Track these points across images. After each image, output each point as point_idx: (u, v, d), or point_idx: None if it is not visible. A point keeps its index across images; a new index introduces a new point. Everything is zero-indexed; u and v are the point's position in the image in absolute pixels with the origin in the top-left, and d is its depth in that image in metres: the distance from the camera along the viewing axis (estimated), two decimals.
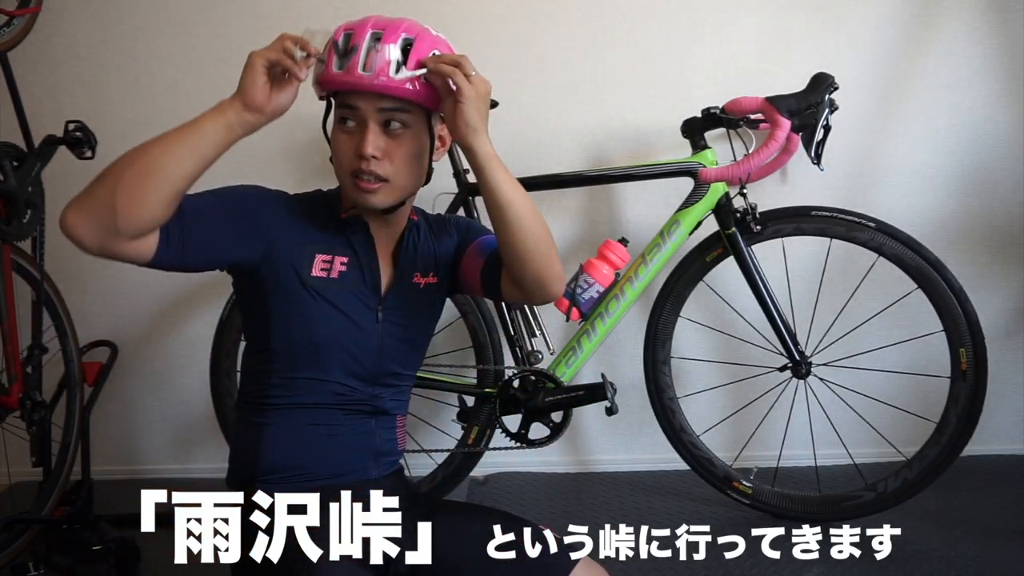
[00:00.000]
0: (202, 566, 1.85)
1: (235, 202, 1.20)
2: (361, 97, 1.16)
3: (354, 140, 1.17)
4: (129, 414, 2.34)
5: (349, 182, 1.19)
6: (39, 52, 2.10)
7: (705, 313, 2.18)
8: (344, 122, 1.19)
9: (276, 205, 1.23)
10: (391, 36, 1.15)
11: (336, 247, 1.24)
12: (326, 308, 1.21)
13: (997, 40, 2.13)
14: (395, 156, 1.18)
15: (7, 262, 1.79)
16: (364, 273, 1.25)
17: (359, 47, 1.15)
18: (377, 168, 1.16)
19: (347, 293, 1.23)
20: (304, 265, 1.21)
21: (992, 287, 2.20)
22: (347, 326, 1.23)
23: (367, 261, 1.25)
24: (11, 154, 1.78)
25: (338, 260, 1.23)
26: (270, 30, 2.26)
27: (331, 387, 1.23)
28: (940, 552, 1.80)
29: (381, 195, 1.19)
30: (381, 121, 1.17)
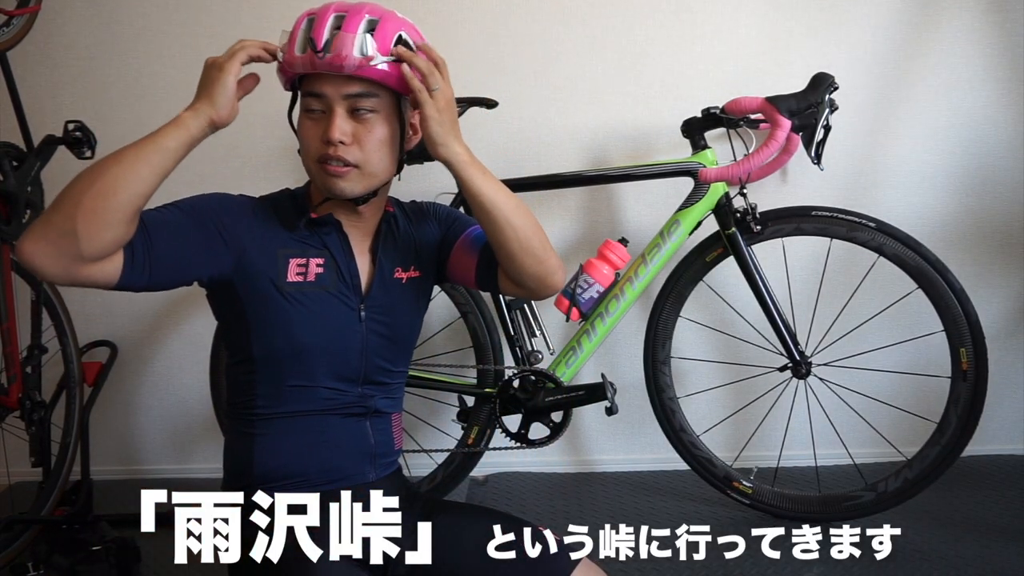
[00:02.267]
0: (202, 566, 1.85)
1: (199, 214, 1.17)
2: (326, 82, 1.14)
3: (320, 127, 1.15)
4: (129, 414, 2.34)
5: (317, 169, 1.16)
6: (39, 52, 2.10)
7: (705, 313, 2.18)
8: (310, 111, 1.16)
9: (242, 212, 1.19)
10: (354, 17, 1.13)
11: (309, 248, 1.20)
12: (305, 313, 1.18)
13: (997, 40, 2.13)
14: (364, 141, 1.15)
15: (7, 262, 1.79)
16: (342, 272, 1.22)
17: (322, 30, 1.12)
18: (345, 154, 1.14)
19: (326, 295, 1.20)
20: (278, 271, 1.18)
21: (992, 287, 2.20)
22: (329, 328, 1.20)
23: (343, 259, 1.22)
24: (11, 154, 1.78)
25: (313, 262, 1.20)
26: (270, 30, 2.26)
27: (319, 392, 1.21)
28: (940, 552, 1.80)
29: (351, 181, 1.16)
30: (348, 107, 1.14)
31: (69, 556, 1.78)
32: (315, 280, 1.19)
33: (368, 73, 1.11)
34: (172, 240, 1.12)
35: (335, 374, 1.22)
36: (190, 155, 2.41)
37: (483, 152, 2.02)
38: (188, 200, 1.19)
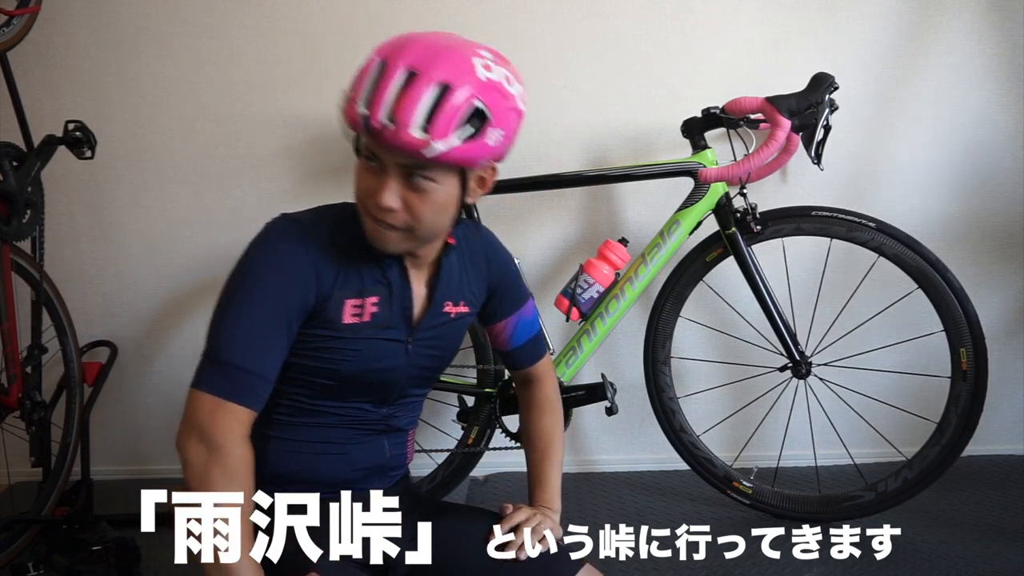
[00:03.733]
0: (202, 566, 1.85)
1: (279, 310, 1.11)
2: (382, 147, 1.03)
3: (373, 182, 1.07)
4: (129, 414, 2.34)
5: (366, 219, 1.10)
6: (39, 52, 2.10)
7: (705, 313, 2.18)
8: (368, 159, 1.07)
9: (306, 276, 1.12)
10: (424, 80, 1.00)
11: (368, 286, 1.16)
12: (354, 351, 1.16)
13: (997, 40, 2.13)
14: (417, 210, 1.07)
15: (7, 262, 1.79)
16: (396, 307, 1.18)
17: (386, 87, 1.01)
18: (393, 220, 1.07)
19: (378, 331, 1.17)
20: (335, 314, 1.14)
21: (992, 287, 2.20)
22: (374, 363, 1.18)
23: (400, 294, 1.18)
24: (11, 154, 1.78)
25: (369, 301, 1.15)
26: (270, 30, 2.28)
27: (347, 410, 1.21)
28: (940, 552, 1.80)
29: (396, 241, 1.10)
30: (404, 174, 1.05)
31: (69, 556, 1.78)
32: (370, 320, 1.16)
33: (424, 158, 1.02)
34: (279, 356, 1.12)
35: (367, 398, 1.21)
36: (189, 154, 2.43)
37: None
38: (259, 293, 1.11)
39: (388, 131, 1.00)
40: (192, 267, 2.24)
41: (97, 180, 2.19)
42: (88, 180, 2.19)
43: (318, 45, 2.12)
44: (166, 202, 2.22)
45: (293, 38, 2.13)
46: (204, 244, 2.22)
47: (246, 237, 2.37)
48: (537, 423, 1.39)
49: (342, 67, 2.14)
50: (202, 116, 2.17)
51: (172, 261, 2.24)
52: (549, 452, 1.35)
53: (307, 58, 2.13)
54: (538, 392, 1.41)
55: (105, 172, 2.16)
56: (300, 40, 2.13)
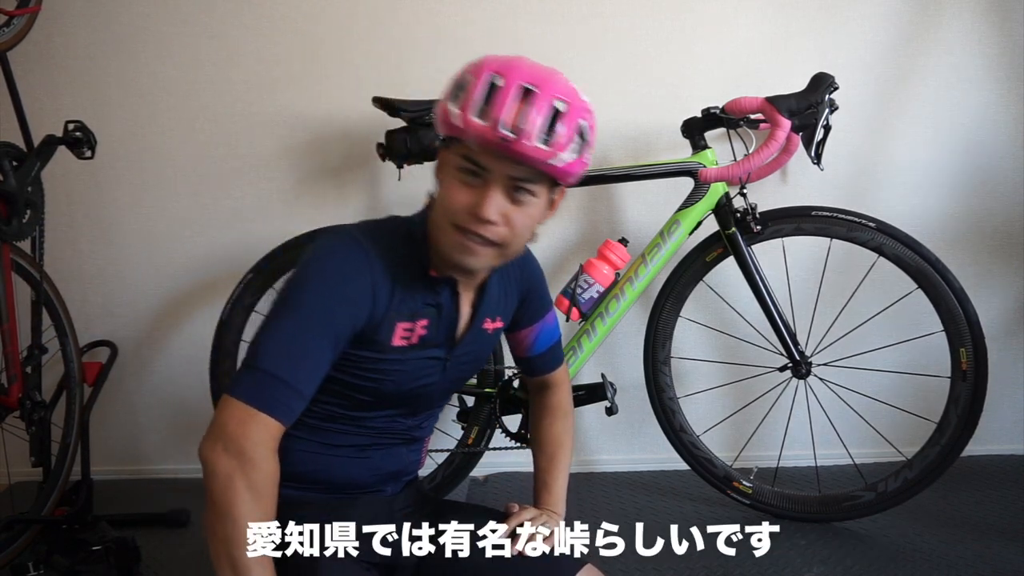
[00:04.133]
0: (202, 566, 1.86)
1: (332, 330, 1.08)
2: (495, 157, 1.04)
3: (473, 196, 1.06)
4: (129, 414, 2.34)
5: (452, 235, 1.08)
6: (39, 52, 2.10)
7: (705, 313, 2.18)
8: (465, 172, 1.06)
9: (364, 295, 1.10)
10: (543, 100, 1.03)
11: (419, 308, 1.15)
12: (398, 372, 1.15)
13: (997, 40, 2.13)
14: (515, 223, 1.07)
15: (7, 262, 1.79)
16: (442, 328, 1.18)
17: (505, 100, 1.02)
18: (491, 233, 1.07)
19: (423, 353, 1.17)
20: (385, 336, 1.13)
21: (992, 287, 2.20)
22: (415, 381, 1.18)
23: (448, 316, 1.18)
24: (11, 154, 1.78)
25: (419, 324, 1.15)
26: (270, 30, 2.28)
27: (376, 421, 1.21)
28: (940, 552, 1.80)
29: (485, 258, 1.10)
30: (508, 186, 1.06)
31: (69, 556, 1.78)
32: (418, 343, 1.16)
33: (548, 168, 1.05)
34: (320, 373, 1.08)
35: (399, 411, 1.22)
36: (189, 154, 2.43)
37: None
38: (311, 309, 1.07)
39: (511, 142, 1.02)
40: (192, 267, 2.24)
41: (97, 180, 2.19)
42: (88, 180, 2.19)
43: (318, 45, 2.13)
44: (166, 202, 2.22)
45: (293, 38, 2.13)
46: (204, 244, 2.23)
47: (246, 237, 2.38)
48: (549, 428, 1.40)
49: (342, 67, 2.17)
50: (202, 116, 2.17)
51: (172, 261, 2.24)
52: (558, 457, 1.36)
53: (307, 58, 2.13)
54: (552, 398, 1.43)
55: (105, 172, 2.16)
56: (300, 40, 2.13)
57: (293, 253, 2.02)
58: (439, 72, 2.15)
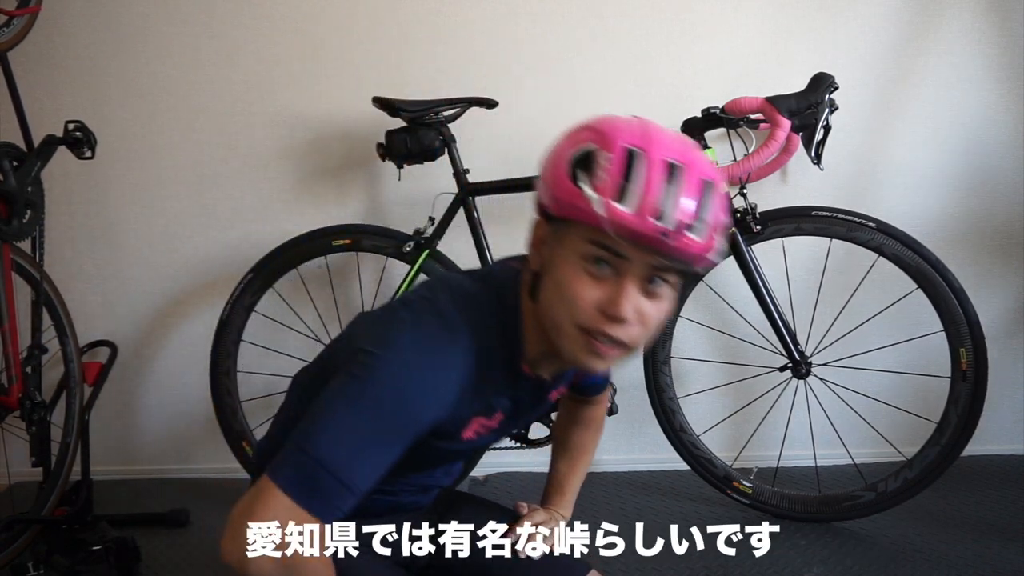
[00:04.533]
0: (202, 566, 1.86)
1: (402, 433, 0.93)
2: (637, 248, 0.87)
3: (602, 291, 0.89)
4: (129, 414, 2.34)
5: (577, 338, 0.92)
6: (39, 52, 2.10)
7: (705, 313, 2.18)
8: (594, 262, 0.89)
9: (450, 397, 0.95)
10: (693, 175, 0.88)
11: (500, 404, 1.05)
12: (456, 453, 1.08)
13: (997, 40, 2.13)
14: (649, 320, 0.92)
15: (7, 262, 1.79)
16: (517, 418, 1.10)
17: (653, 183, 0.86)
18: (624, 334, 0.91)
19: (489, 438, 1.09)
20: (456, 429, 1.02)
21: (992, 287, 2.20)
22: (464, 457, 1.13)
23: (526, 406, 1.10)
24: (11, 154, 1.78)
25: (496, 417, 1.06)
26: (270, 30, 2.28)
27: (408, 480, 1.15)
28: (940, 552, 1.80)
29: (611, 361, 0.95)
30: (646, 278, 0.90)
31: (69, 556, 1.78)
32: (487, 434, 1.07)
33: (701, 263, 0.90)
34: (380, 475, 0.93)
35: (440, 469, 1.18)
36: (189, 154, 2.42)
37: (483, 152, 2.04)
38: (395, 415, 0.92)
39: (676, 243, 0.86)
40: (192, 267, 2.24)
41: (97, 180, 2.19)
42: (88, 180, 2.19)
43: (318, 45, 2.13)
44: (166, 202, 2.22)
45: (293, 38, 2.13)
46: (204, 244, 2.22)
47: (246, 237, 2.38)
48: (578, 435, 1.36)
49: (342, 67, 2.16)
50: (202, 116, 2.17)
51: (172, 261, 2.24)
52: (579, 464, 1.34)
53: (307, 58, 2.13)
54: (590, 412, 1.37)
55: (105, 172, 2.16)
56: (300, 40, 2.13)
57: (293, 253, 2.02)
58: (439, 72, 2.17)
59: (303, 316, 2.18)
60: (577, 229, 0.90)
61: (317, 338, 2.17)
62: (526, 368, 1.03)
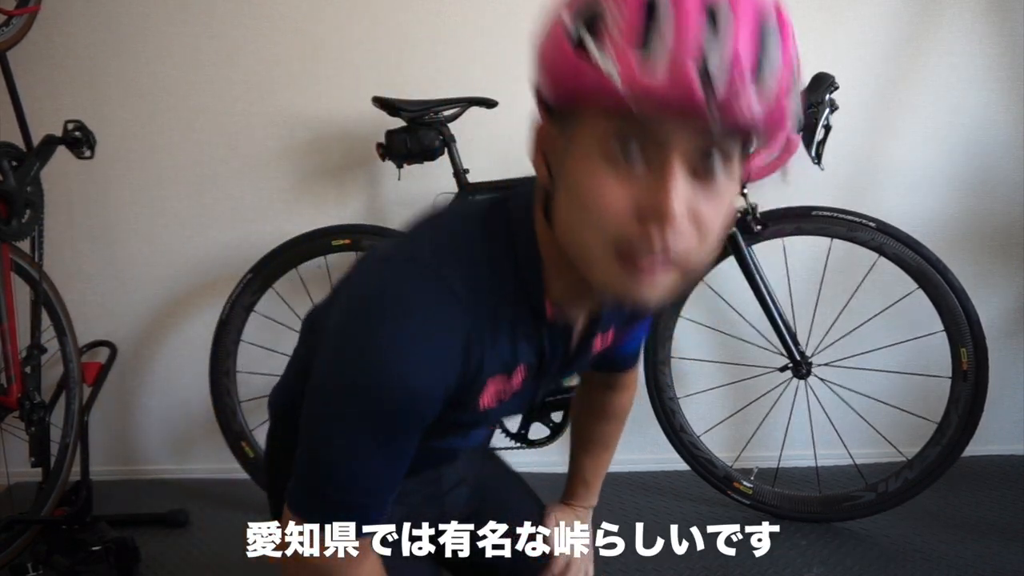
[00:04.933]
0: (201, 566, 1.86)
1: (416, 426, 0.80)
2: (676, 124, 0.64)
3: (636, 188, 0.66)
4: (128, 414, 2.33)
5: (610, 262, 0.69)
6: (38, 52, 2.10)
7: (705, 313, 2.18)
8: (622, 152, 0.65)
9: (453, 366, 0.78)
10: (744, 10, 0.65)
11: (519, 358, 0.84)
12: (476, 423, 0.93)
13: (997, 40, 2.13)
14: (705, 221, 0.68)
15: (6, 262, 1.79)
16: (543, 374, 0.89)
17: (684, 26, 0.62)
18: (677, 241, 0.67)
19: (512, 403, 0.90)
20: (472, 397, 0.83)
21: (993, 287, 2.20)
22: (496, 417, 0.94)
23: (553, 358, 0.89)
24: (10, 154, 1.78)
25: (517, 376, 0.86)
26: (270, 30, 2.28)
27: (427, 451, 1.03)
28: (940, 552, 1.80)
29: (663, 286, 0.70)
30: (693, 162, 0.66)
31: (69, 556, 1.78)
32: (510, 397, 0.88)
33: (774, 135, 0.72)
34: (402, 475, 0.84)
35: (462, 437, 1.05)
36: (188, 154, 2.42)
37: (483, 152, 2.04)
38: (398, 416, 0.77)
39: (726, 108, 0.63)
40: (192, 267, 2.24)
41: (96, 180, 2.19)
42: (87, 180, 2.19)
43: (318, 45, 2.12)
44: (165, 202, 2.21)
45: (293, 38, 2.12)
46: (204, 244, 2.22)
47: (246, 236, 2.37)
48: (604, 427, 1.25)
49: (342, 67, 2.16)
50: (202, 116, 2.17)
51: (172, 261, 2.24)
52: (604, 458, 1.27)
53: (307, 58, 2.13)
54: (616, 399, 1.23)
55: (104, 172, 2.16)
56: (300, 40, 2.12)
57: (293, 253, 2.02)
58: (439, 72, 2.17)
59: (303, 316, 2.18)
60: (592, 117, 0.66)
61: None
62: (551, 311, 0.82)
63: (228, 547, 1.87)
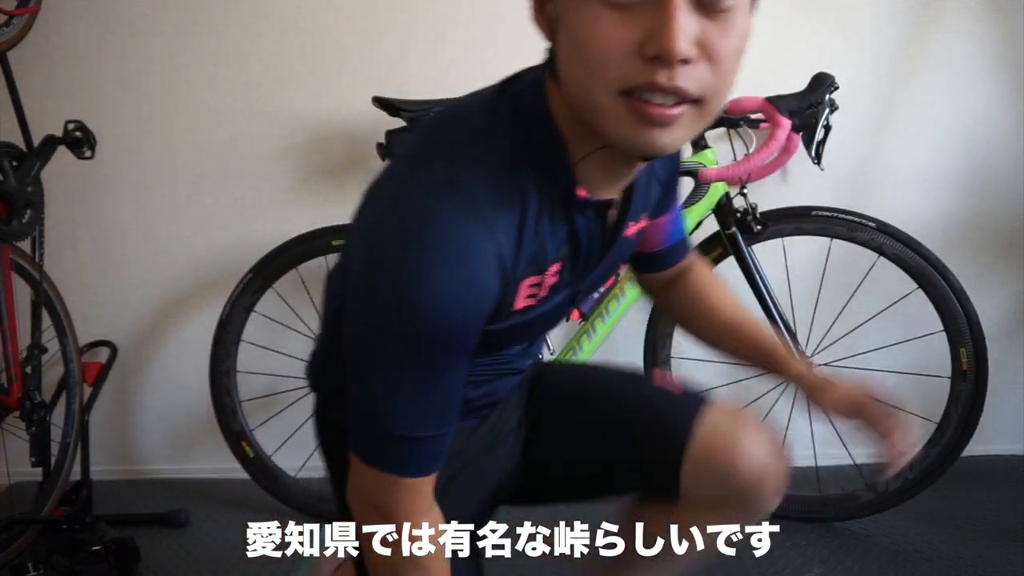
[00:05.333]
0: (201, 566, 1.86)
1: (463, 350, 0.77)
2: None
3: (637, 26, 0.63)
4: (129, 414, 2.33)
5: (616, 107, 0.66)
6: (39, 52, 2.10)
7: None
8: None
9: (491, 281, 0.74)
10: None
11: (552, 253, 0.80)
12: (516, 329, 0.85)
13: (997, 40, 2.13)
14: (716, 51, 0.67)
15: (6, 262, 1.79)
16: (579, 267, 0.85)
17: None
18: (687, 79, 0.65)
19: (549, 304, 0.85)
20: (505, 303, 0.79)
21: (993, 287, 2.20)
22: (536, 327, 0.89)
23: (590, 248, 0.84)
24: (10, 154, 1.78)
25: (550, 273, 0.81)
26: (270, 30, 2.28)
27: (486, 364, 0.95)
28: (940, 552, 1.80)
29: (680, 129, 0.68)
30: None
31: (69, 556, 1.78)
32: (545, 296, 0.83)
33: None
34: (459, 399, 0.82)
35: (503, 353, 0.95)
36: (189, 154, 2.42)
37: None
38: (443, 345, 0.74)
39: None
40: (192, 267, 2.24)
41: (97, 180, 2.19)
42: (88, 180, 2.19)
43: (318, 45, 2.12)
44: (166, 201, 2.21)
45: (293, 38, 2.12)
46: (204, 244, 2.22)
47: (246, 236, 2.37)
48: (722, 305, 1.15)
49: (342, 67, 2.16)
50: (202, 116, 2.17)
51: (172, 261, 2.24)
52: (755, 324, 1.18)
53: (307, 58, 2.13)
54: (699, 276, 1.16)
55: (105, 172, 2.16)
56: (300, 40, 2.12)
57: (293, 253, 2.02)
58: (439, 72, 2.17)
59: (303, 316, 2.18)
60: None
61: None
62: (582, 191, 0.77)
63: (228, 547, 1.87)
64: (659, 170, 0.94)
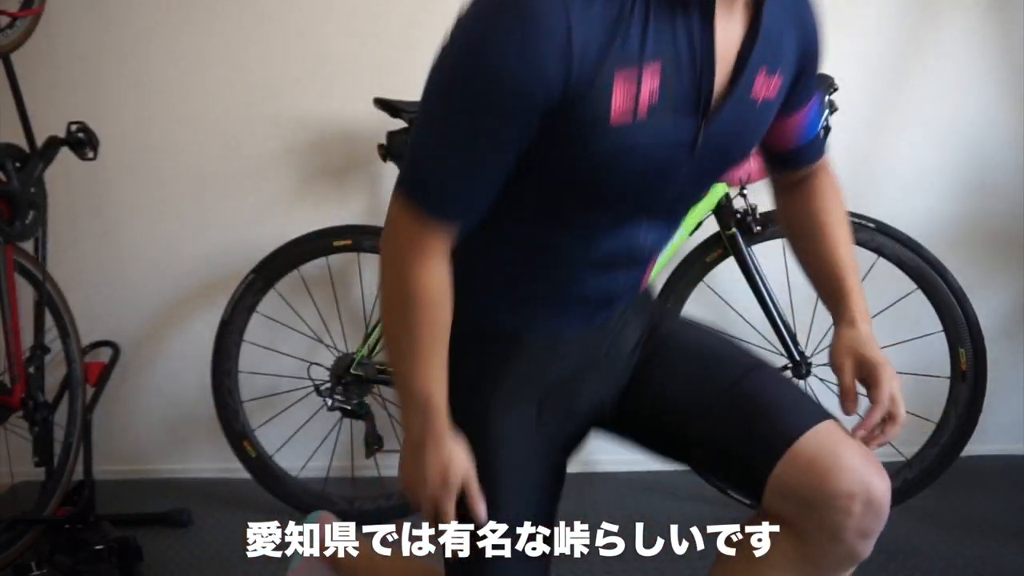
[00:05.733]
0: (203, 566, 1.87)
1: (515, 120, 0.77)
2: None
3: None
4: (131, 414, 2.34)
5: None
6: (42, 53, 2.10)
7: (705, 313, 2.18)
8: None
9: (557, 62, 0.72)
10: None
11: (651, 49, 0.73)
12: (621, 166, 0.79)
13: (997, 40, 2.13)
14: None
15: (9, 263, 1.80)
16: (686, 81, 0.77)
17: None
18: None
19: (658, 125, 0.77)
20: (596, 102, 0.74)
21: (992, 287, 2.20)
22: (646, 176, 0.81)
23: (698, 57, 0.77)
24: (14, 155, 1.78)
25: (648, 75, 0.74)
26: (271, 30, 2.28)
27: (573, 239, 0.89)
28: (940, 552, 1.81)
29: None
30: None
31: (71, 556, 1.79)
32: (647, 111, 0.76)
33: None
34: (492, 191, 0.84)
35: (619, 219, 0.88)
36: (191, 155, 2.43)
37: None
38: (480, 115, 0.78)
39: None
40: (194, 267, 2.24)
41: (99, 181, 2.19)
42: (91, 181, 2.19)
43: (320, 46, 2.13)
44: (168, 202, 2.22)
45: (295, 39, 2.13)
46: (205, 244, 2.23)
47: (247, 237, 2.38)
48: (828, 209, 1.13)
49: (343, 68, 2.17)
50: (204, 117, 2.18)
51: (174, 261, 2.25)
52: (848, 240, 1.12)
53: (309, 59, 2.14)
54: (825, 178, 1.14)
55: (108, 173, 2.17)
56: (302, 41, 2.13)
57: (294, 254, 2.03)
58: None
59: (304, 317, 2.19)
60: None
61: (318, 339, 2.17)
62: None
63: (230, 547, 1.88)
64: (790, 19, 0.87)
